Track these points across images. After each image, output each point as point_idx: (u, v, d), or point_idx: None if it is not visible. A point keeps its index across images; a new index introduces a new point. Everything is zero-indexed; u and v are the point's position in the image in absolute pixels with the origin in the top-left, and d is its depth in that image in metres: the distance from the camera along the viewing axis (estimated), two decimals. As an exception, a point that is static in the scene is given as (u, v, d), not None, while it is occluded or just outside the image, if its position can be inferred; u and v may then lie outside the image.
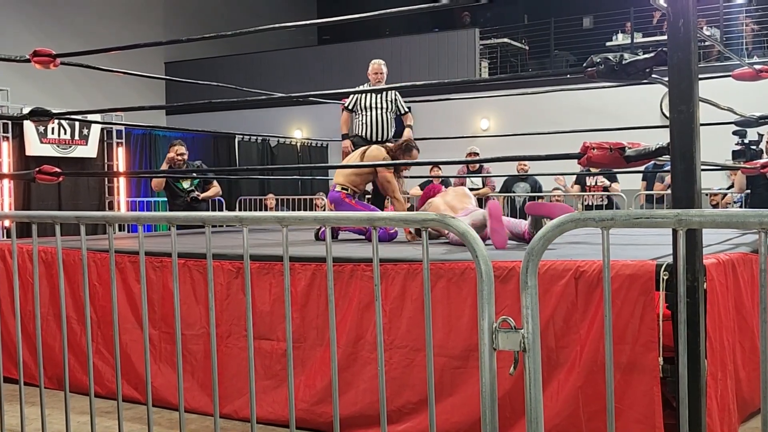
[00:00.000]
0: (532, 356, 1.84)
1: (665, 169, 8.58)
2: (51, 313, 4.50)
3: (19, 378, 2.98)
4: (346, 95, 6.87)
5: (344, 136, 6.83)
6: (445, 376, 3.34)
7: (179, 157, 7.40)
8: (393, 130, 7.04)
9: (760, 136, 6.81)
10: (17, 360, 3.03)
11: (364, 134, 6.65)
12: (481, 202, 9.90)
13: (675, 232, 2.51)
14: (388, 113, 6.89)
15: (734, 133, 6.18)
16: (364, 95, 6.78)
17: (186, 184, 7.48)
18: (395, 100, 6.91)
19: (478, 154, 9.68)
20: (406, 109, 7.10)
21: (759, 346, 1.79)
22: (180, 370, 2.62)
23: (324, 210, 10.37)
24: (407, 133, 7.15)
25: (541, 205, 4.33)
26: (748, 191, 7.28)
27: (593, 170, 8.55)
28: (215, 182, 7.70)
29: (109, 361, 4.28)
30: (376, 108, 6.78)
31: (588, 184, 9.29)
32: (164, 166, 7.41)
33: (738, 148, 6.33)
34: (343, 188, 5.40)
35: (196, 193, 7.44)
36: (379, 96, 6.81)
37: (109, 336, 4.23)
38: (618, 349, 2.88)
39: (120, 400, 2.75)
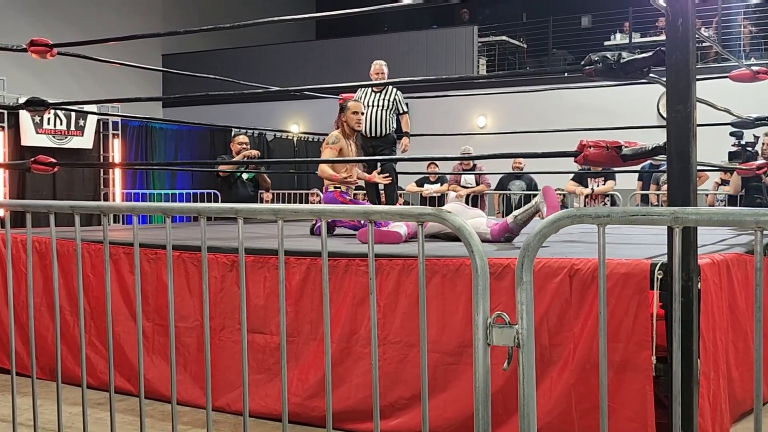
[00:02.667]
0: (526, 352, 1.84)
1: (661, 169, 8.61)
2: (44, 304, 4.49)
3: (11, 368, 2.97)
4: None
5: None
6: (438, 372, 3.34)
7: (245, 146, 7.60)
8: (393, 128, 7.12)
9: (756, 138, 6.83)
10: (9, 350, 3.02)
11: (363, 131, 6.70)
12: (477, 198, 9.94)
13: (671, 231, 2.51)
14: (389, 112, 7.00)
15: (731, 134, 6.19)
16: (366, 94, 6.94)
17: (246, 176, 7.70)
18: (397, 100, 7.03)
19: (470, 153, 9.70)
20: (405, 110, 7.19)
21: (752, 346, 1.79)
22: (173, 362, 2.61)
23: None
24: (405, 140, 7.24)
25: (551, 197, 4.35)
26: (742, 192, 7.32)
27: (591, 169, 8.55)
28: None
29: (101, 352, 4.26)
30: (377, 106, 6.93)
31: (590, 188, 9.29)
32: (238, 158, 7.52)
33: (734, 149, 6.34)
34: (335, 187, 5.42)
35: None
36: (380, 95, 6.96)
37: (102, 327, 4.22)
38: (611, 347, 2.89)
39: (112, 391, 2.75)
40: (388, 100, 7.01)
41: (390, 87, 7.05)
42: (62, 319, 4.20)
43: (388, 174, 6.29)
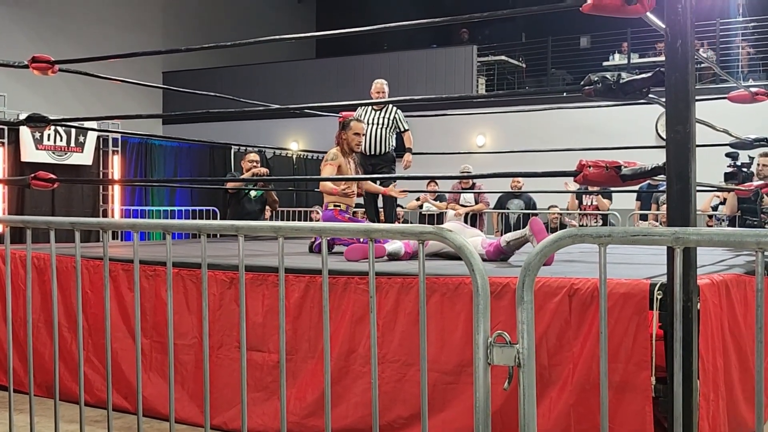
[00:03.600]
0: (527, 372, 1.83)
1: (660, 189, 8.63)
2: (42, 320, 4.47)
3: (9, 385, 2.96)
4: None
5: None
6: (437, 391, 3.33)
7: (256, 164, 7.66)
8: (393, 146, 7.15)
9: (751, 158, 6.86)
10: (7, 367, 3.01)
11: (363, 149, 6.73)
12: (476, 217, 9.95)
13: (671, 251, 2.51)
14: (388, 130, 7.03)
15: (727, 155, 6.21)
16: (366, 112, 6.97)
17: (253, 194, 7.76)
18: (396, 118, 7.06)
19: (469, 172, 9.73)
20: (406, 127, 7.22)
21: (753, 367, 1.79)
22: (171, 380, 2.60)
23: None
24: (407, 157, 7.27)
25: (540, 230, 4.39)
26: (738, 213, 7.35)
27: (590, 188, 8.57)
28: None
29: (99, 369, 4.24)
30: (376, 124, 6.96)
31: (583, 203, 9.33)
32: (247, 175, 7.55)
33: (730, 170, 6.36)
34: (335, 205, 5.45)
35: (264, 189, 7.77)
36: (380, 113, 6.99)
37: (99, 344, 4.21)
38: (611, 367, 2.87)
39: (110, 409, 2.73)
40: (388, 119, 7.05)
41: (390, 105, 7.09)
42: (60, 336, 4.18)
43: (403, 189, 6.33)
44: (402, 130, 7.20)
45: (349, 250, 4.54)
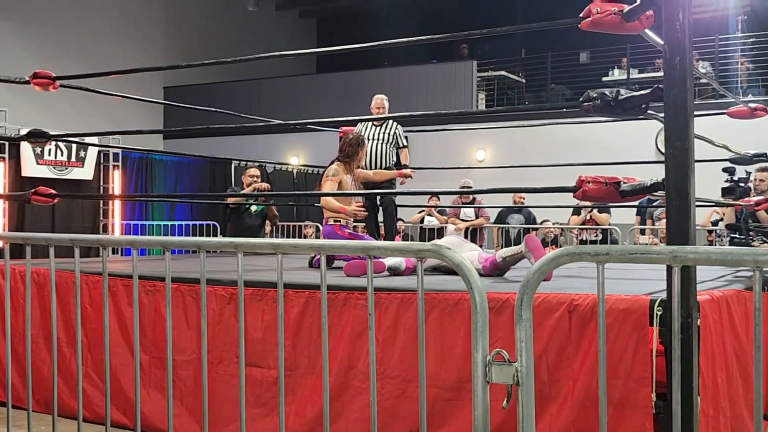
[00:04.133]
0: (526, 390, 1.83)
1: (655, 204, 8.64)
2: (41, 336, 4.47)
3: (8, 401, 2.95)
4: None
5: None
6: (436, 407, 3.32)
7: (256, 179, 7.72)
8: (393, 161, 7.17)
9: (748, 173, 6.87)
10: (6, 383, 3.00)
11: (363, 164, 6.75)
12: (476, 232, 9.95)
13: (669, 268, 2.51)
14: (388, 146, 7.05)
15: (724, 170, 6.22)
16: (366, 127, 7.00)
17: (254, 208, 7.81)
18: (397, 134, 7.09)
19: (470, 187, 9.76)
20: (405, 144, 7.24)
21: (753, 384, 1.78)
22: (170, 396, 2.60)
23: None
24: (405, 172, 7.28)
25: (537, 247, 4.39)
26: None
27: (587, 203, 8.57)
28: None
29: (97, 385, 4.23)
30: (377, 140, 6.99)
31: (583, 215, 9.33)
32: (248, 190, 7.58)
33: (727, 185, 6.37)
34: (335, 220, 5.44)
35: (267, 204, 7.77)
36: (380, 128, 7.02)
37: (98, 359, 4.20)
38: (611, 384, 2.87)
39: (108, 425, 2.73)
40: (389, 134, 7.07)
41: (390, 121, 7.11)
42: (59, 352, 4.18)
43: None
44: (400, 146, 7.23)
45: (348, 266, 4.53)
